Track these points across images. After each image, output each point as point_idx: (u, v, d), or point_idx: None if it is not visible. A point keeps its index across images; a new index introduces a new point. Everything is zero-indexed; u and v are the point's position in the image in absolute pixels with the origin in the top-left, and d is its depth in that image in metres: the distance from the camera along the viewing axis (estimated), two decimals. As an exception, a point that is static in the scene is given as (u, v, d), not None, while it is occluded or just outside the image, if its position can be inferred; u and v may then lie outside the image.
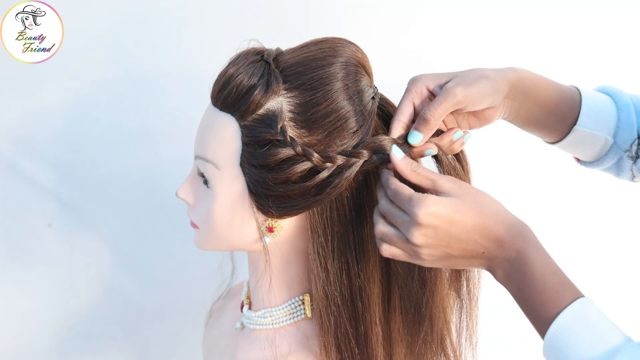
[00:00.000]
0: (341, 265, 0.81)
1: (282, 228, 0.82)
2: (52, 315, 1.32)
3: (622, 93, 0.91)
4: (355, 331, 0.83)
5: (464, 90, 0.78)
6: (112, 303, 1.32)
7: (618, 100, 0.90)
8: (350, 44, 0.82)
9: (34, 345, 1.32)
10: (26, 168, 1.24)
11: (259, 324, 0.89)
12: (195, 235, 0.88)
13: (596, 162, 0.93)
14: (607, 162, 0.92)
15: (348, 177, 0.78)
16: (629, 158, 0.91)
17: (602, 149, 0.91)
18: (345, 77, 0.79)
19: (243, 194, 0.81)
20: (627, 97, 0.90)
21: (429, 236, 0.72)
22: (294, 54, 0.81)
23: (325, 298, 0.82)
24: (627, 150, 0.90)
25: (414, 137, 0.79)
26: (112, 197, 1.27)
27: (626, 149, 0.90)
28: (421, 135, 0.79)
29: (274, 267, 0.86)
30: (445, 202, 0.72)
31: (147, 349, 1.37)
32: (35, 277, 1.29)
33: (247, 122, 0.78)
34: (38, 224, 1.27)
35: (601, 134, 0.89)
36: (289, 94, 0.78)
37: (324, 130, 0.78)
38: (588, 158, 0.94)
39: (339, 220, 0.81)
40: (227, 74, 0.79)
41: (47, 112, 1.22)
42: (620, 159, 0.91)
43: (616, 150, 0.90)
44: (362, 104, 0.80)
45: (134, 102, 1.23)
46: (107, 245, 1.30)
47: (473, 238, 0.72)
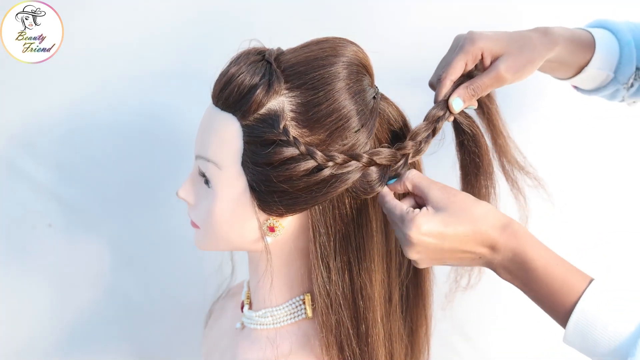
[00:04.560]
0: (342, 264, 0.82)
1: (284, 227, 0.82)
2: (52, 315, 1.31)
3: (622, 29, 0.95)
4: (357, 331, 0.83)
5: (512, 76, 0.83)
6: (112, 303, 1.32)
7: (620, 38, 0.95)
8: (351, 43, 0.82)
9: (33, 345, 1.32)
10: (26, 168, 1.24)
11: (260, 324, 0.89)
12: (195, 235, 0.88)
13: (593, 91, 0.99)
14: (604, 92, 0.99)
15: (350, 178, 0.78)
16: (624, 89, 0.97)
17: (602, 82, 0.97)
18: (346, 77, 0.79)
19: (244, 193, 0.81)
20: (627, 32, 0.95)
21: (423, 252, 0.75)
22: (295, 53, 0.81)
23: (327, 297, 0.82)
24: (625, 83, 0.96)
25: (457, 103, 0.83)
26: (112, 197, 1.27)
27: (624, 82, 0.96)
28: (463, 103, 0.83)
29: (274, 267, 0.86)
30: (434, 219, 0.74)
31: (147, 349, 1.36)
32: (35, 277, 1.29)
33: (249, 121, 0.78)
34: (38, 224, 1.27)
35: (605, 71, 0.95)
36: (291, 94, 0.78)
37: (326, 129, 0.78)
38: (586, 88, 1.00)
39: (340, 219, 0.81)
40: (228, 74, 0.79)
41: (47, 112, 1.22)
42: (616, 90, 0.97)
43: (615, 84, 0.97)
44: (364, 104, 0.80)
45: (134, 102, 1.23)
46: (107, 245, 1.30)
47: (467, 248, 0.74)
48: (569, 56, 0.91)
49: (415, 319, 0.95)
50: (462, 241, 0.74)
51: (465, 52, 0.83)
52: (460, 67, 0.84)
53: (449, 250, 0.74)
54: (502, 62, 0.84)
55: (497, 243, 0.73)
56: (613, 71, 0.95)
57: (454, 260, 0.76)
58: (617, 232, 1.32)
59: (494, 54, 0.84)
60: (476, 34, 0.84)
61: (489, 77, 0.83)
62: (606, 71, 0.95)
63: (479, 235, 0.74)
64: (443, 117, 0.83)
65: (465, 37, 0.85)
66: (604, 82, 0.97)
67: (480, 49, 0.84)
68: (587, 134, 1.28)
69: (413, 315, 0.95)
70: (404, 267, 0.91)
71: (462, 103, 0.83)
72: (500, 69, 0.83)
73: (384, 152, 0.80)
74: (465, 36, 0.85)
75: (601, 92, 0.99)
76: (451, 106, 0.83)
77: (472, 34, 0.84)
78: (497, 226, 0.74)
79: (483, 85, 0.83)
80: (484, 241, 0.74)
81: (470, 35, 0.84)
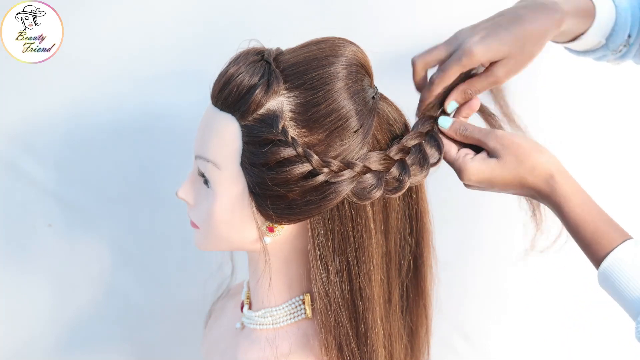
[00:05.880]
0: (341, 265, 0.81)
1: (283, 228, 0.82)
2: (52, 315, 1.32)
3: None
4: (356, 331, 0.83)
5: (510, 77, 0.85)
6: (112, 303, 1.32)
7: (618, 4, 0.94)
8: (350, 43, 0.82)
9: (33, 345, 1.32)
10: (26, 168, 1.24)
11: (260, 324, 0.89)
12: (195, 235, 0.88)
13: (582, 53, 0.99)
14: (592, 55, 0.99)
15: (343, 190, 0.78)
16: (612, 54, 0.97)
17: (593, 47, 0.97)
18: (346, 77, 0.79)
19: (243, 193, 0.81)
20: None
21: (475, 189, 0.85)
22: (294, 53, 0.81)
23: (326, 298, 0.82)
24: (614, 49, 0.96)
25: (452, 106, 0.86)
26: (112, 197, 1.27)
27: (614, 49, 0.96)
28: (457, 105, 0.87)
29: (274, 267, 0.86)
30: (484, 168, 0.81)
31: (147, 349, 1.37)
32: (35, 277, 1.29)
33: (248, 121, 0.78)
34: (38, 224, 1.27)
35: (597, 38, 0.94)
36: (290, 94, 0.78)
37: (325, 130, 0.78)
38: (577, 49, 0.99)
39: (339, 220, 0.81)
40: (227, 74, 0.79)
41: (47, 112, 1.22)
42: (604, 55, 0.98)
43: (604, 50, 0.96)
44: (363, 104, 0.80)
45: (134, 102, 1.23)
46: (107, 245, 1.30)
47: (513, 191, 0.83)
48: (569, 28, 0.90)
49: (415, 319, 0.95)
50: (508, 185, 0.81)
51: (462, 65, 0.83)
52: (454, 77, 0.84)
53: (497, 189, 0.83)
54: (501, 67, 0.84)
55: (541, 193, 0.80)
56: (605, 38, 0.94)
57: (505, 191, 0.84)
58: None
59: (493, 60, 0.84)
60: (475, 48, 0.82)
61: (486, 82, 0.84)
62: (599, 38, 0.94)
63: (525, 185, 0.81)
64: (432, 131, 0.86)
65: (463, 47, 0.82)
66: (594, 47, 0.96)
67: (477, 62, 0.83)
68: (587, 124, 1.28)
69: (413, 315, 0.95)
70: (403, 267, 0.91)
71: (456, 106, 0.87)
72: (499, 76, 0.84)
73: (374, 157, 0.80)
74: (463, 46, 0.82)
75: (590, 54, 0.98)
76: (446, 109, 0.86)
77: (470, 46, 0.82)
78: (543, 179, 0.80)
79: (478, 89, 0.85)
80: (530, 189, 0.81)
81: (468, 48, 0.82)
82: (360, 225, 0.81)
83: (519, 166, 0.80)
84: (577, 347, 1.35)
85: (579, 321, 1.34)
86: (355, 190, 0.79)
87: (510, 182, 0.81)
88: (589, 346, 1.36)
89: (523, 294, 1.36)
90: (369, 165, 0.79)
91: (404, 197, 0.88)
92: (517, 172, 0.80)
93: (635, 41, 0.95)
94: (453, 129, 0.85)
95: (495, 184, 0.82)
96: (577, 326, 1.35)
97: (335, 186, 0.77)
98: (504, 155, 0.81)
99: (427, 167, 0.84)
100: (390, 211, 0.86)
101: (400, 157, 0.82)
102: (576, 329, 1.35)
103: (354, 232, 0.81)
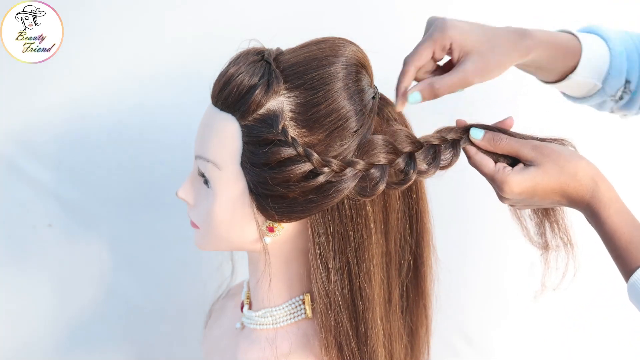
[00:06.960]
0: (341, 265, 0.82)
1: (283, 228, 0.82)
2: (52, 315, 1.32)
3: (614, 38, 0.92)
4: (356, 331, 0.83)
5: (478, 79, 0.82)
6: (113, 303, 1.32)
7: (612, 47, 0.92)
8: (350, 43, 0.82)
9: (33, 345, 1.32)
10: (26, 168, 1.24)
11: (260, 324, 0.89)
12: (195, 235, 0.88)
13: (580, 100, 0.97)
14: (591, 101, 0.96)
15: (345, 188, 0.78)
16: (612, 101, 0.94)
17: (589, 91, 0.94)
18: (345, 77, 0.79)
19: (244, 193, 0.81)
20: (619, 42, 0.92)
21: (515, 202, 0.83)
22: (294, 53, 0.81)
23: (326, 298, 0.82)
24: (612, 95, 0.93)
25: (414, 97, 0.81)
26: (112, 197, 1.27)
27: (612, 94, 0.93)
28: (421, 98, 0.81)
29: (274, 267, 0.86)
30: (526, 178, 0.79)
31: (147, 349, 1.37)
32: (35, 277, 1.29)
33: (248, 121, 0.78)
34: (38, 224, 1.27)
35: (592, 80, 0.92)
36: (290, 94, 0.78)
37: (325, 130, 0.78)
38: (574, 95, 0.97)
39: (339, 220, 0.81)
40: (227, 74, 0.79)
41: (47, 112, 1.22)
42: (604, 101, 0.95)
43: (602, 95, 0.94)
44: (363, 104, 0.80)
45: (134, 102, 1.23)
46: (107, 245, 1.30)
47: (555, 198, 0.80)
48: (548, 62, 0.88)
49: (415, 319, 0.95)
50: (549, 193, 0.79)
51: (433, 40, 0.81)
52: (427, 55, 0.81)
53: (538, 200, 0.81)
54: (470, 63, 0.81)
55: (583, 200, 0.79)
56: (601, 81, 0.92)
57: (545, 204, 0.83)
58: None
59: (463, 48, 0.81)
60: (448, 23, 0.82)
61: (455, 77, 0.81)
62: (593, 80, 0.91)
63: (566, 192, 0.79)
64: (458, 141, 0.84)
65: (435, 24, 0.82)
66: (591, 92, 0.94)
67: (449, 39, 0.81)
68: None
69: (413, 315, 0.95)
70: (403, 267, 0.91)
71: (420, 98, 0.81)
72: (467, 72, 0.80)
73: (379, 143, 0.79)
74: (436, 23, 0.82)
75: (588, 101, 0.96)
76: (407, 98, 0.81)
77: (443, 22, 0.82)
78: (585, 186, 0.78)
79: (447, 85, 0.81)
80: (570, 198, 0.79)
81: (441, 24, 0.82)
82: (360, 225, 0.82)
83: (561, 172, 0.78)
84: (577, 347, 1.35)
85: (579, 321, 1.34)
86: (357, 188, 0.79)
87: (552, 189, 0.79)
88: (589, 346, 1.36)
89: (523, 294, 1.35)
90: (372, 160, 0.79)
91: (404, 197, 0.88)
92: (559, 178, 0.78)
93: (638, 89, 0.93)
94: (486, 139, 0.83)
95: (537, 193, 0.79)
96: (577, 326, 1.35)
97: (337, 185, 0.78)
98: (544, 163, 0.79)
99: (434, 166, 0.82)
100: (390, 211, 0.86)
101: (411, 149, 0.82)
102: (576, 329, 1.35)
103: (354, 232, 0.81)
